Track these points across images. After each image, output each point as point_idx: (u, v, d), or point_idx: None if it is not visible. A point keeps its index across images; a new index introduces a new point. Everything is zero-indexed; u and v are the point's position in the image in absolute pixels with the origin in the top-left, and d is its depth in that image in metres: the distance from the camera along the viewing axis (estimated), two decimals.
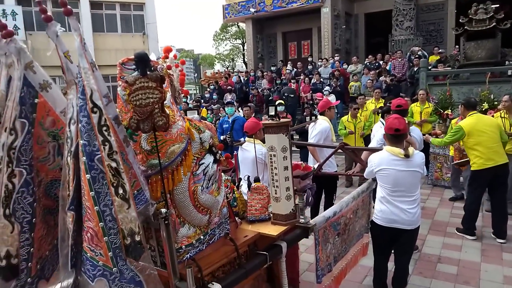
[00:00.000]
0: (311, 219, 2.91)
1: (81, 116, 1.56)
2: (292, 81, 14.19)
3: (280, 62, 17.53)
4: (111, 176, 1.57)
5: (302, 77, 14.03)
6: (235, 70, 20.40)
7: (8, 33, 1.66)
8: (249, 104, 9.67)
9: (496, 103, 6.91)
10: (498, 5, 13.96)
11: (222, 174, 2.35)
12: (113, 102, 1.69)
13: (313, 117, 6.35)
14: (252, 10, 18.44)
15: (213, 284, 2.08)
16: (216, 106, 11.01)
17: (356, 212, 3.65)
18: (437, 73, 10.81)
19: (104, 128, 1.55)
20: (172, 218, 1.93)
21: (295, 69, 15.48)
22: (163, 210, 1.84)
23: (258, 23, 19.56)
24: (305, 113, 9.01)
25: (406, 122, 3.85)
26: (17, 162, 1.69)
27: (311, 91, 12.97)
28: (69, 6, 1.50)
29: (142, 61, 1.72)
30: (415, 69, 11.39)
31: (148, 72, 1.71)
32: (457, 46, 13.05)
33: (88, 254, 1.63)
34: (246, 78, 16.04)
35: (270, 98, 14.21)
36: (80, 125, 1.56)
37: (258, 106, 13.65)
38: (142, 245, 1.68)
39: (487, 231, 5.16)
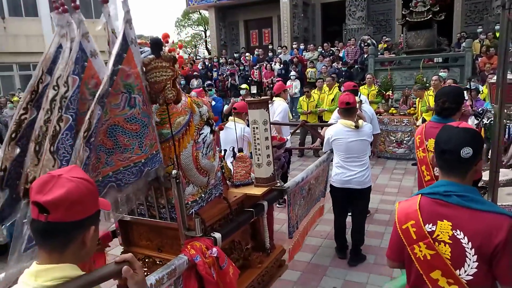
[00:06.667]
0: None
1: None
2: (254, 67, 15.04)
3: (243, 49, 18.17)
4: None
5: (264, 63, 14.86)
6: (200, 56, 20.72)
7: (75, 6, 2.04)
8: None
9: (427, 85, 8.23)
10: None
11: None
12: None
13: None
14: None
15: (214, 233, 2.44)
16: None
17: (317, 178, 4.19)
18: (383, 59, 12.01)
19: None
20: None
21: (256, 56, 16.18)
22: (174, 171, 2.15)
23: (220, 11, 19.99)
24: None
25: (358, 100, 4.41)
26: (66, 110, 1.94)
27: (273, 77, 13.92)
28: None
29: (156, 45, 2.08)
30: (365, 56, 12.59)
31: (161, 54, 2.06)
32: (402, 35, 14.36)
33: None
34: (210, 65, 16.69)
35: (233, 83, 15.02)
36: None
37: (224, 92, 14.47)
38: None
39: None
